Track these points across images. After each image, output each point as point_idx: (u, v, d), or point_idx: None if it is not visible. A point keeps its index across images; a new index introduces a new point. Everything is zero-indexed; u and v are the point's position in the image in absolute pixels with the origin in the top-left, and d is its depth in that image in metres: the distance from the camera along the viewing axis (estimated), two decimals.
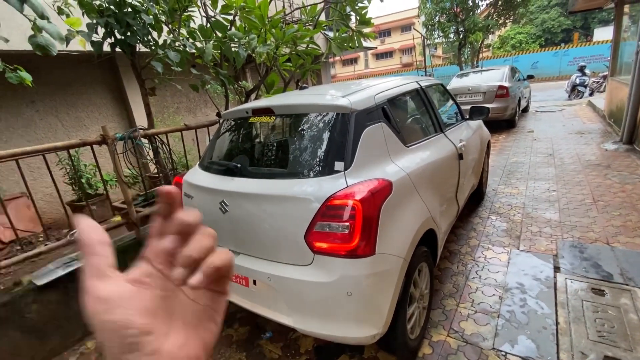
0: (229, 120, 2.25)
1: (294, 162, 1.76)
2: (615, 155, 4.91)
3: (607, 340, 1.82)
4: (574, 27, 30.09)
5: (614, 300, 2.10)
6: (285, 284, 1.58)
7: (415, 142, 2.13)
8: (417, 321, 1.91)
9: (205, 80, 3.33)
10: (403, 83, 2.36)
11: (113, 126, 5.61)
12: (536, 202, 3.73)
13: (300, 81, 3.85)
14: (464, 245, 3.03)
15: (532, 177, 4.54)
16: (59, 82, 5.02)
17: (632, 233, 2.83)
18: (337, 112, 1.73)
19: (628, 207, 3.28)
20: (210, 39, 2.92)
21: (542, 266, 2.57)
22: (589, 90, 11.19)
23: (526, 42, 30.15)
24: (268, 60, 3.65)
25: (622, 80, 6.04)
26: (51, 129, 4.96)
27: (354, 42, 3.95)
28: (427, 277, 2.02)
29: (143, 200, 3.27)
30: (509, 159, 5.53)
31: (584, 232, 2.96)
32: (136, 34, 2.63)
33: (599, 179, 4.10)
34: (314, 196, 1.52)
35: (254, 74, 7.45)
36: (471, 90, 7.60)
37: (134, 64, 2.94)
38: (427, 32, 16.61)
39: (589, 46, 19.37)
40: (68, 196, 4.52)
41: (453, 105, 3.30)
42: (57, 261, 2.37)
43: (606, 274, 2.36)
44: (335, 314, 1.52)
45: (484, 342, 1.93)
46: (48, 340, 2.21)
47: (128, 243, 2.65)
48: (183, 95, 6.58)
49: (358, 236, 1.45)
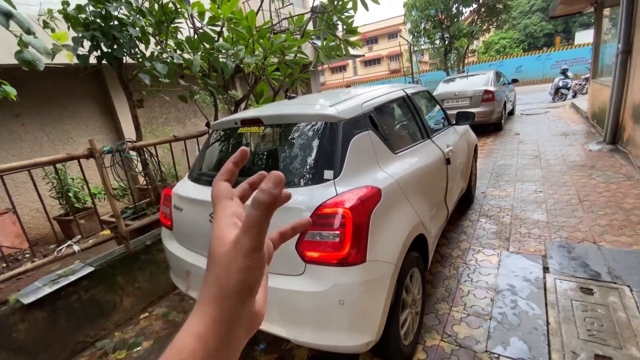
0: (218, 131, 2.25)
1: (284, 171, 1.76)
2: (599, 155, 5.04)
3: (597, 338, 1.85)
4: (555, 31, 31.00)
5: (603, 299, 2.14)
6: (277, 295, 1.57)
7: (403, 149, 2.16)
8: (411, 327, 1.91)
9: (193, 91, 3.33)
10: (389, 91, 2.40)
11: (101, 139, 5.55)
12: (524, 203, 3.80)
13: (289, 90, 3.88)
14: (455, 248, 3.06)
15: (520, 179, 4.63)
16: (45, 95, 4.96)
17: (617, 232, 2.89)
18: (325, 122, 1.75)
19: (613, 206, 3.36)
20: (197, 50, 2.93)
21: (531, 267, 2.60)
22: (572, 92, 11.50)
23: (510, 46, 30.91)
24: (257, 70, 3.67)
25: (604, 82, 6.23)
26: (37, 143, 4.88)
27: (341, 51, 4.00)
28: (419, 282, 2.04)
29: (132, 213, 3.23)
30: (496, 162, 5.62)
31: (571, 232, 3.02)
32: (123, 47, 2.63)
33: (584, 179, 4.20)
34: (304, 205, 1.53)
35: (243, 83, 7.48)
36: (458, 95, 7.74)
37: (121, 76, 2.93)
38: (413, 39, 16.93)
39: (571, 49, 19.94)
40: (55, 211, 4.44)
41: (439, 111, 3.36)
42: (44, 278, 2.31)
43: (594, 273, 2.40)
44: (328, 323, 1.52)
45: (477, 345, 1.95)
46: (37, 359, 2.15)
47: (118, 257, 2.60)
48: (172, 105, 6.56)
49: (349, 244, 1.46)
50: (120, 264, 2.61)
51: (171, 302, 2.81)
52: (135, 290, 2.70)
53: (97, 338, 2.44)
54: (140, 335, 2.44)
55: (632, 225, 2.96)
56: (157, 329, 2.49)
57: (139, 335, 2.44)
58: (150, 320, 2.61)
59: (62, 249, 2.36)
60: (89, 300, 2.41)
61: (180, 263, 2.03)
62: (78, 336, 2.35)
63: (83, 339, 2.37)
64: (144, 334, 2.45)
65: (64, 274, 2.35)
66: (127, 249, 2.65)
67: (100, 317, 2.47)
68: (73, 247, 2.38)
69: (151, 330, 2.48)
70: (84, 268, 2.41)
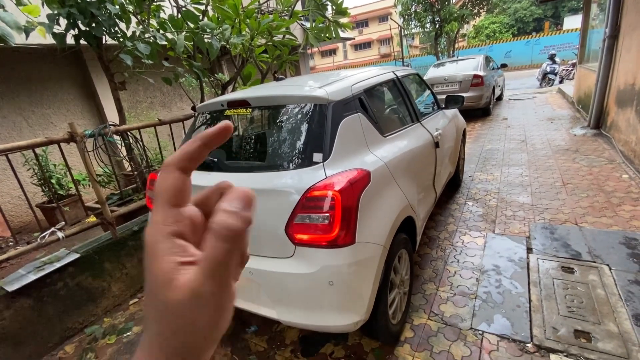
0: (204, 114, 2.20)
1: (272, 154, 1.75)
2: (583, 139, 5.14)
3: (577, 315, 1.92)
4: (545, 16, 31.02)
5: (583, 277, 2.22)
6: (267, 278, 1.58)
7: (392, 132, 2.15)
8: (399, 306, 1.96)
9: (178, 73, 3.23)
10: (379, 73, 2.37)
11: (83, 123, 5.37)
12: (510, 187, 3.87)
13: (278, 72, 3.80)
14: (443, 231, 3.11)
15: (507, 163, 4.70)
16: (22, 78, 4.74)
17: (598, 213, 2.99)
18: (314, 103, 1.72)
19: (595, 188, 3.46)
20: (181, 30, 2.83)
21: (515, 248, 2.68)
22: (559, 77, 11.62)
23: (500, 31, 30.86)
24: (244, 51, 3.57)
25: (590, 67, 6.30)
26: (15, 128, 4.70)
27: (330, 33, 3.92)
28: (407, 264, 2.07)
29: (118, 199, 3.16)
30: (484, 146, 5.69)
31: (554, 214, 3.10)
32: (102, 25, 2.51)
33: (568, 163, 4.29)
34: (293, 188, 1.52)
35: (230, 66, 7.30)
36: (447, 79, 7.73)
37: (101, 57, 2.81)
38: (404, 22, 16.70)
39: (559, 35, 20.04)
40: (38, 198, 4.32)
41: (429, 94, 3.35)
42: (28, 265, 2.27)
43: (575, 253, 2.48)
44: (318, 304, 1.54)
45: (462, 323, 2.01)
46: (24, 346, 2.13)
47: (105, 244, 2.56)
48: (157, 89, 6.37)
49: (338, 226, 1.46)
50: (107, 250, 2.57)
51: None
52: (124, 276, 2.67)
53: (86, 324, 2.43)
54: (130, 320, 2.44)
55: (612, 207, 3.05)
56: None
57: (129, 321, 2.43)
58: (140, 305, 2.60)
59: (46, 236, 2.30)
60: (76, 287, 2.38)
61: None
62: (66, 323, 2.33)
63: (71, 325, 2.36)
64: (134, 319, 2.44)
65: (48, 261, 2.30)
66: (114, 235, 2.61)
67: (88, 303, 2.45)
68: (57, 234, 2.33)
69: (141, 316, 2.48)
70: (70, 255, 2.37)
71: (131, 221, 2.85)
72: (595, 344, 1.74)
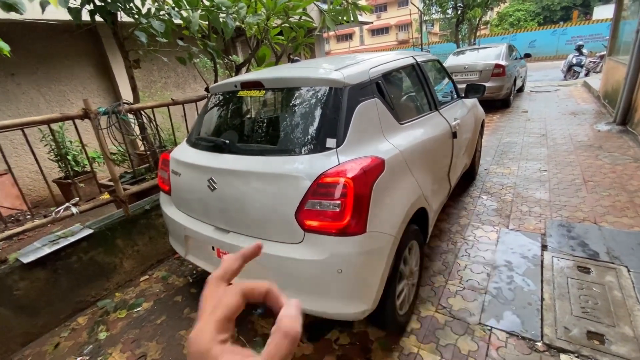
0: (217, 95, 2.16)
1: (285, 138, 1.71)
2: (607, 136, 4.92)
3: (591, 316, 1.87)
4: (574, 5, 29.46)
5: (599, 278, 2.15)
6: (275, 262, 1.57)
7: (409, 120, 2.08)
8: (407, 297, 1.93)
9: (192, 52, 3.19)
10: (398, 57, 2.28)
11: (99, 101, 5.43)
12: (527, 182, 3.75)
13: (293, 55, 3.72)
14: (455, 224, 3.05)
15: (525, 157, 4.55)
16: (41, 54, 4.79)
17: (620, 213, 2.87)
18: (330, 87, 1.66)
19: (617, 187, 3.32)
20: (197, 7, 2.77)
21: (530, 245, 2.61)
22: (585, 70, 11.10)
23: (525, 19, 29.53)
24: (259, 32, 3.49)
25: (620, 60, 5.97)
26: (33, 104, 4.78)
27: (348, 15, 3.79)
28: (417, 255, 2.04)
29: (131, 177, 3.20)
30: (502, 139, 5.52)
31: (573, 211, 3.00)
32: (117, 1, 2.47)
33: (591, 159, 4.12)
34: (305, 174, 1.48)
35: (245, 48, 7.21)
36: (467, 68, 7.47)
37: (116, 33, 2.78)
38: (424, 7, 16.13)
39: (588, 25, 19.07)
40: (54, 174, 4.42)
41: (449, 82, 3.23)
42: (43, 239, 2.32)
43: (592, 253, 2.40)
44: (325, 291, 1.53)
45: (470, 318, 1.98)
46: (39, 316, 2.20)
47: (117, 221, 2.60)
48: (171, 70, 6.36)
49: (349, 214, 1.43)
50: (120, 227, 2.61)
51: (170, 266, 2.84)
52: (135, 253, 2.72)
53: (99, 298, 2.49)
54: (140, 296, 2.49)
55: (635, 207, 2.93)
56: (157, 291, 2.53)
57: (140, 297, 2.49)
58: (150, 282, 2.66)
59: (60, 210, 2.35)
60: (89, 261, 2.43)
61: (178, 228, 2.02)
62: (79, 295, 2.40)
63: (84, 298, 2.42)
64: (144, 296, 2.50)
65: (63, 235, 2.35)
66: (126, 213, 2.64)
67: (101, 277, 2.51)
68: (71, 209, 2.37)
69: (151, 292, 2.53)
70: (83, 230, 2.42)
71: (143, 200, 2.88)
72: (608, 346, 1.69)
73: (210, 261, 1.92)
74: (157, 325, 2.20)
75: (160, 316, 2.28)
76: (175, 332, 2.13)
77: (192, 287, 2.54)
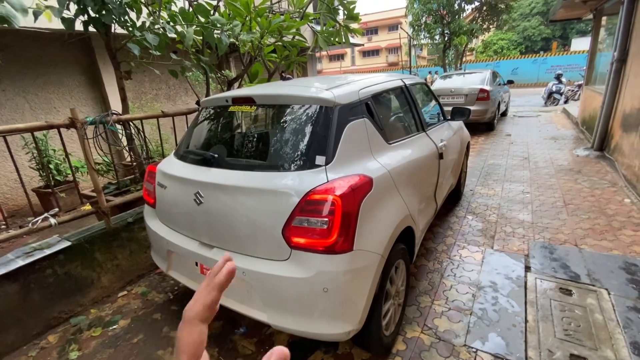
0: (208, 109, 2.17)
1: (274, 154, 1.72)
2: (586, 161, 5.12)
3: (574, 338, 1.88)
4: (553, 37, 31.17)
5: (581, 300, 2.19)
6: (260, 280, 1.54)
7: (397, 140, 2.12)
8: (392, 318, 1.91)
9: (185, 66, 3.21)
10: (387, 80, 2.35)
11: (87, 110, 5.35)
12: (511, 203, 3.84)
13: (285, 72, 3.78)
14: (441, 243, 3.07)
15: (508, 179, 4.67)
16: (28, 61, 4.72)
17: (599, 236, 2.95)
18: (320, 105, 1.69)
19: (596, 211, 3.43)
20: (191, 23, 2.81)
21: (514, 266, 2.64)
22: (564, 97, 11.64)
23: (507, 48, 30.99)
24: (252, 49, 3.55)
25: (596, 89, 6.30)
26: (18, 110, 4.67)
27: (340, 37, 3.90)
28: (403, 274, 2.03)
29: (115, 189, 3.13)
30: (486, 161, 5.66)
31: (554, 233, 3.07)
32: (112, 13, 2.49)
33: (570, 183, 4.26)
34: (293, 190, 1.48)
35: (238, 64, 7.29)
36: (454, 92, 7.73)
37: (108, 44, 2.78)
38: (413, 32, 16.77)
39: (566, 55, 20.15)
40: (35, 182, 4.28)
41: (436, 105, 3.32)
42: (17, 250, 2.22)
43: (574, 275, 2.45)
44: (310, 310, 1.50)
45: (456, 339, 1.96)
46: (7, 334, 2.07)
47: (97, 233, 2.52)
48: (162, 81, 6.36)
49: (337, 232, 1.42)
50: (100, 240, 2.53)
51: (151, 282, 2.75)
52: (114, 267, 2.63)
53: (72, 314, 2.38)
54: (117, 313, 2.39)
55: (613, 230, 3.02)
56: (136, 308, 2.44)
57: (116, 314, 2.38)
58: (129, 298, 2.55)
59: (38, 221, 2.26)
60: (64, 275, 2.33)
61: (161, 242, 1.96)
62: (52, 312, 2.28)
63: (57, 314, 2.31)
64: (121, 312, 2.40)
65: (39, 247, 2.26)
66: (108, 225, 2.56)
67: (76, 293, 2.40)
68: (49, 220, 2.29)
69: (129, 309, 2.43)
70: (60, 242, 2.33)
71: (127, 212, 2.80)
72: None
73: (193, 277, 1.87)
74: (134, 345, 2.10)
75: (137, 334, 2.18)
76: (152, 351, 2.04)
77: (173, 304, 2.45)
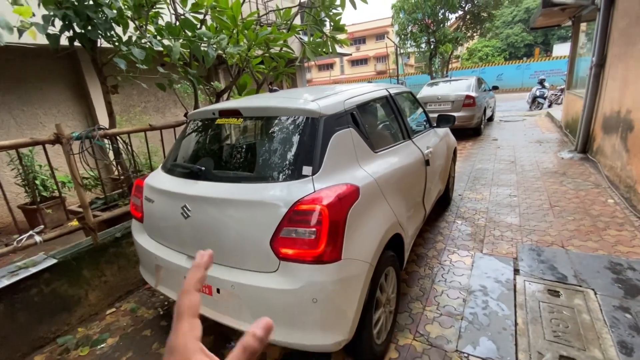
0: (195, 121, 2.18)
1: (261, 165, 1.73)
2: (570, 163, 5.24)
3: (562, 340, 1.91)
4: (535, 43, 32.10)
5: (569, 301, 2.22)
6: (249, 292, 1.53)
7: (384, 148, 2.16)
8: (384, 325, 1.92)
9: (173, 79, 3.22)
10: (372, 90, 2.39)
11: (73, 124, 5.30)
12: (499, 207, 3.90)
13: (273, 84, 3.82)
14: (431, 248, 3.10)
15: (496, 183, 4.75)
16: (14, 75, 4.68)
17: (584, 237, 3.02)
18: (306, 117, 1.72)
19: (581, 212, 3.50)
20: (178, 37, 2.83)
21: (503, 269, 2.67)
22: (547, 102, 11.95)
23: (492, 55, 31.76)
24: (240, 61, 3.58)
25: (577, 93, 6.49)
26: (3, 126, 4.61)
27: (327, 48, 3.97)
28: (394, 281, 2.04)
29: (103, 204, 3.09)
30: (474, 166, 5.76)
31: (542, 235, 3.12)
32: (97, 29, 2.49)
33: (556, 185, 4.36)
34: (280, 201, 1.49)
35: (227, 76, 7.32)
36: (440, 99, 7.87)
37: (94, 59, 2.78)
38: (400, 41, 17.11)
39: (549, 61, 20.72)
40: (21, 199, 4.20)
41: (421, 113, 3.39)
42: (1, 270, 2.17)
43: (561, 276, 2.49)
44: (300, 321, 1.49)
45: (448, 345, 1.97)
46: None
47: (84, 250, 2.48)
48: (151, 94, 6.34)
49: (324, 242, 1.43)
50: (87, 256, 2.49)
51: (140, 298, 2.70)
52: (102, 284, 2.58)
53: (59, 334, 2.32)
54: (105, 331, 2.34)
55: (598, 231, 3.09)
56: (124, 325, 2.39)
57: (104, 332, 2.33)
58: (118, 315, 2.51)
59: (23, 239, 2.22)
60: (50, 294, 2.28)
61: (149, 257, 1.95)
62: (38, 331, 2.22)
63: (43, 334, 2.25)
64: (109, 330, 2.35)
65: (24, 265, 2.21)
66: (95, 241, 2.53)
67: (62, 311, 2.35)
68: (34, 237, 2.25)
69: (117, 326, 2.38)
70: (46, 260, 2.28)
71: (114, 227, 2.77)
72: None
73: None
74: None
75: (126, 352, 2.14)
76: None
77: (163, 320, 2.42)
